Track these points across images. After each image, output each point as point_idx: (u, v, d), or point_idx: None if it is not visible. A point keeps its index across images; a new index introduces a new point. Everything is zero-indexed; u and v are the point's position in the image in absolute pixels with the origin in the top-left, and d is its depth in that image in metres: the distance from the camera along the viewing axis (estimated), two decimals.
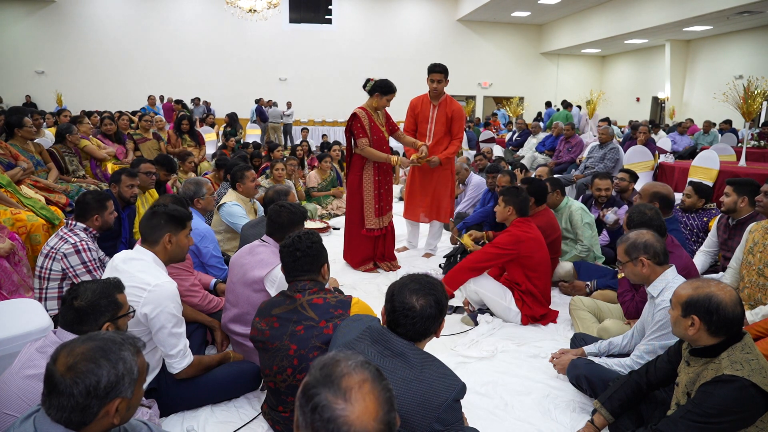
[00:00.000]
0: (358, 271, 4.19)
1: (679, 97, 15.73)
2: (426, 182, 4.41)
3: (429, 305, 1.54)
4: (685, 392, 1.72)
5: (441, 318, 1.60)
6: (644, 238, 2.19)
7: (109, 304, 1.64)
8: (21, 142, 4.14)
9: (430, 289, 1.57)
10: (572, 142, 7.72)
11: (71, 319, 1.61)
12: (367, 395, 0.92)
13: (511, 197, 3.20)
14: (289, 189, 3.48)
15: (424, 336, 1.58)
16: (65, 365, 1.15)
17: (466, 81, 18.29)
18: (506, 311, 3.21)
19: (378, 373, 0.98)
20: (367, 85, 4.01)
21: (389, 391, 0.95)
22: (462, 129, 4.37)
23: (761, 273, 2.64)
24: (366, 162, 4.05)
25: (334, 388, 0.92)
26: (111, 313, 1.63)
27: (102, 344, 1.20)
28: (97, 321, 1.61)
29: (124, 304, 1.69)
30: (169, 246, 2.14)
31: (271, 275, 2.41)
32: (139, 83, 15.80)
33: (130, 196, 3.52)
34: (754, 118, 6.09)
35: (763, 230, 2.72)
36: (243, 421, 2.20)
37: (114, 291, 1.67)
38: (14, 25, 15.44)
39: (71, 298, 1.62)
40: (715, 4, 10.83)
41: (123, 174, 3.50)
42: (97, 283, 1.68)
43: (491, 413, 2.30)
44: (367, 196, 4.05)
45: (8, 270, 2.82)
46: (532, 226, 3.22)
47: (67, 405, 1.13)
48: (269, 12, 13.10)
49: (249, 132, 12.38)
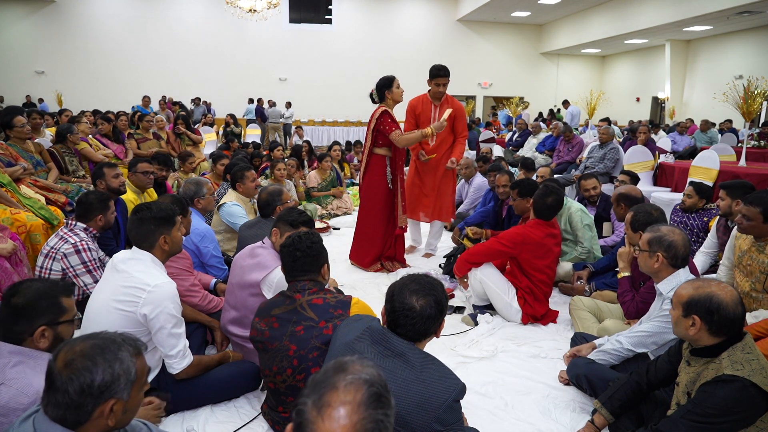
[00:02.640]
0: (359, 271, 4.19)
1: (679, 97, 15.74)
2: (429, 182, 4.41)
3: (429, 305, 1.54)
4: (686, 392, 1.72)
5: (441, 318, 1.60)
6: (673, 238, 2.14)
7: (49, 306, 1.51)
8: (19, 142, 4.13)
9: (430, 290, 1.57)
10: (573, 142, 7.72)
11: (5, 318, 1.49)
12: (342, 419, 0.85)
13: (538, 195, 3.12)
14: (282, 189, 3.47)
15: (424, 336, 1.58)
16: (63, 361, 1.15)
17: (466, 81, 18.30)
18: (507, 307, 3.21)
19: (374, 399, 0.88)
20: (374, 95, 4.02)
21: (376, 423, 0.86)
22: (465, 127, 4.38)
23: (753, 287, 2.63)
24: (388, 162, 4.08)
25: (315, 397, 0.88)
26: (50, 317, 1.51)
27: (101, 343, 1.19)
28: (32, 323, 1.49)
29: (70, 309, 1.57)
30: (166, 246, 2.13)
31: (268, 279, 2.40)
32: (139, 83, 15.80)
33: (118, 186, 3.45)
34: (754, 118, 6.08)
35: (750, 242, 2.69)
36: (243, 421, 2.20)
37: (59, 293, 1.55)
38: (14, 25, 15.45)
39: (11, 294, 1.51)
40: (715, 4, 10.84)
41: (103, 168, 3.42)
42: (43, 282, 1.58)
43: (491, 413, 2.30)
44: (397, 193, 4.10)
45: (9, 270, 2.82)
46: (550, 232, 3.14)
47: (63, 402, 1.13)
48: (269, 12, 13.11)
49: (249, 132, 12.39)
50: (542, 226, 3.12)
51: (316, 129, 16.28)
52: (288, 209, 2.72)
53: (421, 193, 4.45)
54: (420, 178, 4.45)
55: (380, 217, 4.13)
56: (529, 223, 3.18)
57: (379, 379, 0.93)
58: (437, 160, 4.31)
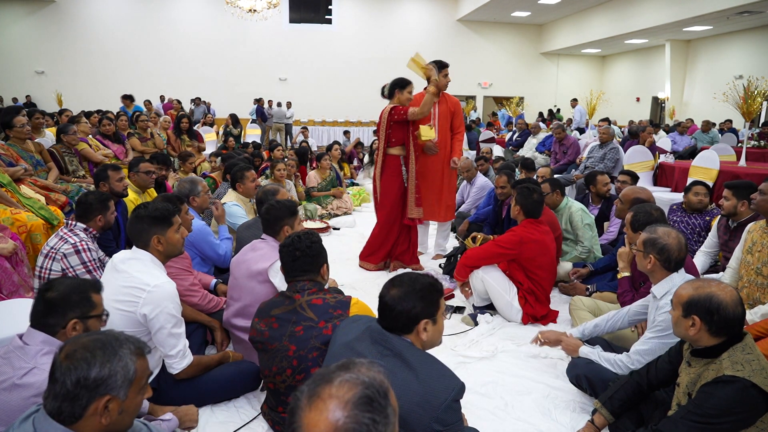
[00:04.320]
0: (359, 271, 4.21)
1: (679, 97, 15.73)
2: (432, 183, 4.40)
3: (406, 294, 1.55)
4: (686, 393, 1.72)
5: (422, 304, 1.56)
6: (667, 241, 2.13)
7: (80, 300, 1.59)
8: (19, 142, 4.13)
9: (409, 281, 1.58)
10: (566, 144, 7.61)
11: (40, 310, 1.57)
12: (326, 412, 0.85)
13: (521, 197, 3.20)
14: (278, 188, 3.49)
15: (407, 327, 1.56)
16: (65, 353, 1.19)
17: (466, 81, 18.28)
18: (508, 307, 3.21)
19: (365, 401, 0.87)
20: (385, 90, 4.14)
21: (359, 425, 0.85)
22: (462, 123, 4.40)
23: (759, 272, 2.64)
24: (402, 161, 4.15)
25: (312, 387, 0.90)
26: (81, 311, 1.58)
27: (103, 338, 1.22)
28: (64, 315, 1.56)
29: (98, 305, 1.64)
30: (160, 246, 2.11)
31: (275, 266, 2.43)
32: (139, 83, 15.78)
33: (122, 190, 3.46)
34: (754, 118, 6.08)
35: (761, 230, 2.72)
36: (243, 421, 2.20)
37: (90, 289, 1.63)
38: (14, 25, 15.44)
39: (45, 289, 1.59)
40: (715, 4, 10.83)
41: (108, 170, 3.42)
42: (75, 280, 1.65)
43: (491, 413, 2.30)
44: (411, 186, 4.14)
45: (9, 270, 2.82)
46: (541, 228, 3.19)
47: (60, 393, 1.15)
48: (269, 12, 13.09)
49: (249, 132, 12.40)
50: (533, 225, 3.18)
51: (316, 129, 16.26)
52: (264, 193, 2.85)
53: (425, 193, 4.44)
54: (423, 180, 4.44)
55: (397, 215, 4.19)
56: (522, 224, 3.20)
57: (380, 385, 0.91)
58: (438, 161, 4.31)
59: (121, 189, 3.45)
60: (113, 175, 3.41)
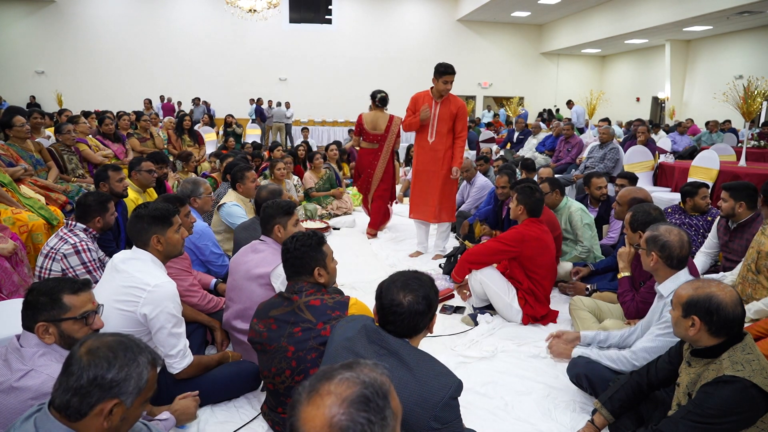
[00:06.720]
0: (359, 271, 4.21)
1: (679, 97, 15.73)
2: (433, 184, 4.40)
3: (416, 301, 1.53)
4: (687, 393, 1.72)
5: (430, 313, 1.58)
6: (668, 238, 2.13)
7: (48, 303, 1.53)
8: (19, 142, 4.13)
9: (417, 285, 1.56)
10: (572, 142, 7.69)
11: (22, 313, 1.56)
12: (323, 407, 0.86)
13: (524, 196, 3.19)
14: (281, 189, 3.49)
15: (414, 332, 1.56)
16: (87, 347, 1.20)
17: (466, 81, 18.25)
18: (508, 308, 3.21)
19: (362, 400, 0.88)
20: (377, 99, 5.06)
21: (354, 423, 0.85)
22: (465, 127, 4.38)
23: (750, 268, 2.65)
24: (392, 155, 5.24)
25: (313, 382, 0.91)
26: (49, 314, 1.53)
27: (126, 341, 1.24)
28: (34, 318, 1.53)
29: (75, 306, 1.56)
30: (160, 246, 2.11)
31: (277, 270, 2.43)
32: (139, 83, 15.80)
33: (122, 190, 3.45)
34: (754, 118, 6.09)
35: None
36: (243, 421, 2.20)
37: (63, 291, 1.56)
38: (14, 25, 15.44)
39: (27, 291, 1.58)
40: (715, 4, 10.83)
41: (109, 170, 3.41)
42: (53, 281, 1.61)
43: (491, 413, 2.30)
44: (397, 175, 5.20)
45: (9, 270, 2.82)
46: (542, 228, 3.20)
47: (72, 386, 1.15)
48: (269, 12, 13.09)
49: (249, 132, 12.40)
50: (535, 224, 3.18)
51: (316, 129, 16.25)
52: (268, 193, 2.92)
53: (427, 193, 4.45)
54: (424, 180, 4.44)
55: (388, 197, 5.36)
56: (523, 222, 3.20)
57: (380, 386, 0.91)
58: (439, 162, 4.31)
59: (121, 189, 3.45)
60: (113, 176, 3.41)
